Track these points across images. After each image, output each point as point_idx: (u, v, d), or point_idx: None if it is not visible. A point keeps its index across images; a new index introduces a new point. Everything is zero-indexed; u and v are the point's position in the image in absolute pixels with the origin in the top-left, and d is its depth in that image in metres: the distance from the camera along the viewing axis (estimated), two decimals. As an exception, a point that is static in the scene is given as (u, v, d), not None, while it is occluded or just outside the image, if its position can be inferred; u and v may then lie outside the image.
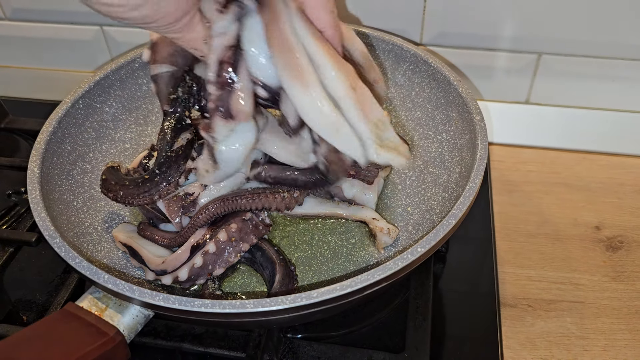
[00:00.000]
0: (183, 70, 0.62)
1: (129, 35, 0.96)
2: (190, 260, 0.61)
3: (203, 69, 0.60)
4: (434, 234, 0.53)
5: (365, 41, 0.80)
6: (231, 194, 0.64)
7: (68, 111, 0.71)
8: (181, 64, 0.63)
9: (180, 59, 0.62)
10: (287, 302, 0.48)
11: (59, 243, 0.55)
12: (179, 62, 0.63)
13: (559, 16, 0.81)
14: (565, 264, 0.74)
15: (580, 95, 0.89)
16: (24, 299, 0.71)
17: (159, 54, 0.62)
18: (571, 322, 0.68)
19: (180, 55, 0.62)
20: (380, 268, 0.50)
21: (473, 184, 0.58)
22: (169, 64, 0.62)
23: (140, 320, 0.54)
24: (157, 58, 0.62)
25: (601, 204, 0.82)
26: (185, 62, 0.62)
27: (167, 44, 0.62)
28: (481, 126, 0.64)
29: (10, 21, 0.98)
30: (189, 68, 0.62)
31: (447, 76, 0.72)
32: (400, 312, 0.67)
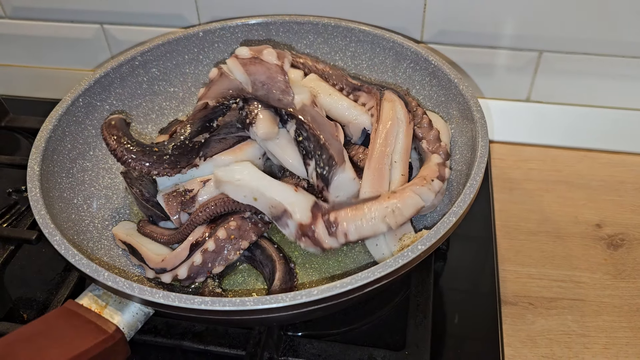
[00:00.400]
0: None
1: (129, 34, 0.96)
2: (189, 259, 0.61)
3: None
4: (434, 231, 0.53)
5: (366, 39, 0.80)
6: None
7: (68, 109, 0.71)
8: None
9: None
10: (287, 299, 0.48)
11: (58, 241, 0.55)
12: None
13: (560, 14, 0.81)
14: (566, 261, 0.74)
15: (581, 93, 0.89)
16: (25, 297, 0.71)
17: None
18: (572, 320, 0.68)
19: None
20: (381, 265, 0.50)
21: (474, 182, 0.58)
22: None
23: (140, 317, 0.54)
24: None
25: (602, 201, 0.82)
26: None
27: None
28: (482, 124, 0.64)
29: (10, 19, 0.98)
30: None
31: (447, 74, 0.71)
32: (401, 310, 0.67)
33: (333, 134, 0.62)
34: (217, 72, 0.63)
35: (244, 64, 0.62)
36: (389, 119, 0.65)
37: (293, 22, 0.82)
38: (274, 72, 0.61)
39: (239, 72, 0.62)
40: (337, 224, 0.58)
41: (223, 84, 0.63)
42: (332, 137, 0.62)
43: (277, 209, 0.60)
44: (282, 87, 0.61)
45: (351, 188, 0.63)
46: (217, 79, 0.63)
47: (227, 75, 0.63)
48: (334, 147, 0.61)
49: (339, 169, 0.61)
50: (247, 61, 0.62)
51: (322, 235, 0.58)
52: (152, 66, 0.81)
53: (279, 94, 0.61)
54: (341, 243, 0.59)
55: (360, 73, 0.83)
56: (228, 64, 0.63)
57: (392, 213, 0.58)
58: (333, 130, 0.62)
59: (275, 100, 0.62)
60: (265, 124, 0.62)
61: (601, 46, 0.84)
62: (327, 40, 0.83)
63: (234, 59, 0.62)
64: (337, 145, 0.62)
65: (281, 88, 0.61)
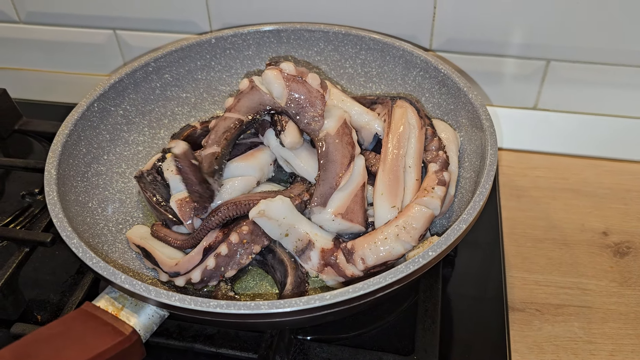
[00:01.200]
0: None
1: (142, 39, 0.97)
2: (202, 262, 0.62)
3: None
4: (444, 238, 0.54)
5: (376, 47, 0.81)
6: (242, 196, 0.65)
7: (84, 114, 0.72)
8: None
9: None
10: (300, 303, 0.49)
11: (76, 244, 0.56)
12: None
13: (568, 24, 0.82)
14: (573, 269, 0.75)
15: (588, 101, 0.90)
16: (38, 299, 0.72)
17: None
18: (578, 327, 0.69)
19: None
20: (392, 271, 0.51)
21: (483, 190, 0.59)
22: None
23: (155, 320, 0.55)
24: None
25: (608, 209, 0.83)
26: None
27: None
28: (491, 132, 0.65)
29: (24, 24, 1.00)
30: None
31: (457, 82, 0.73)
32: (409, 315, 0.68)
33: (336, 174, 0.63)
34: (248, 84, 0.64)
35: (287, 79, 0.63)
36: (401, 124, 0.67)
37: (304, 30, 0.83)
38: (314, 97, 0.63)
39: (278, 85, 0.63)
40: (354, 250, 0.59)
41: (254, 97, 0.64)
42: (332, 177, 0.62)
43: (303, 241, 0.62)
44: (316, 113, 0.63)
45: (332, 226, 0.64)
46: (247, 91, 0.64)
47: (258, 89, 0.64)
48: (319, 188, 0.63)
49: (315, 209, 0.63)
50: (291, 77, 0.63)
51: (344, 262, 0.60)
52: (165, 72, 0.82)
53: (310, 117, 0.63)
54: (361, 269, 0.60)
55: (370, 80, 0.84)
56: (268, 74, 0.64)
57: (403, 230, 0.59)
58: (338, 170, 0.63)
59: (303, 122, 0.64)
60: (294, 133, 0.64)
61: (608, 55, 0.85)
62: (337, 47, 0.84)
63: (277, 72, 0.63)
64: (326, 186, 0.63)
65: (315, 114, 0.63)
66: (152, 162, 0.72)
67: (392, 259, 0.61)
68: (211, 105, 0.87)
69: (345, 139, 0.64)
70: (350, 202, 0.63)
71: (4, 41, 1.03)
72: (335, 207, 0.62)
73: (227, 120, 0.63)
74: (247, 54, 0.86)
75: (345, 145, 0.63)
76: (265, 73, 0.64)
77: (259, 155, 0.69)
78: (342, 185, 0.63)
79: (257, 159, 0.68)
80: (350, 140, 0.64)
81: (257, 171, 0.68)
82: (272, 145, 0.66)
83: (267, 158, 0.69)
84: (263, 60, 0.86)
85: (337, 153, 0.63)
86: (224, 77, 0.86)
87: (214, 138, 0.63)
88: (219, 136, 0.63)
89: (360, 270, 0.61)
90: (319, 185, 0.63)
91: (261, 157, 0.69)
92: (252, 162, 0.68)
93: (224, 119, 0.64)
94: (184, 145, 0.62)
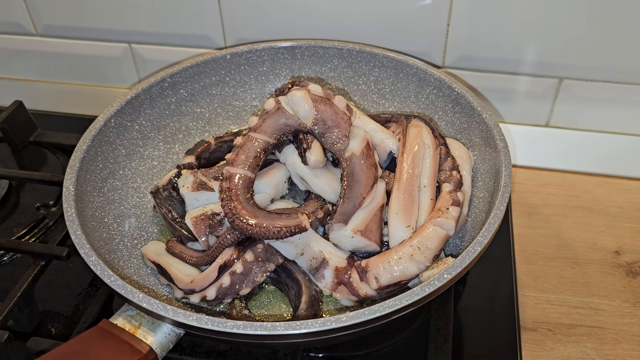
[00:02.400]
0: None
1: (156, 53, 0.98)
2: (218, 280, 0.63)
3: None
4: (459, 260, 0.54)
5: (389, 64, 0.82)
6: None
7: (101, 129, 0.73)
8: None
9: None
10: (317, 325, 0.49)
11: (94, 262, 0.57)
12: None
13: (581, 42, 0.83)
14: (585, 288, 0.75)
15: (600, 119, 0.90)
16: (52, 311, 0.73)
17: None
18: (591, 348, 0.69)
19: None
20: (408, 294, 0.51)
21: (498, 211, 0.59)
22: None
23: (172, 338, 0.56)
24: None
25: (620, 228, 0.83)
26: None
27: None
28: (505, 153, 0.66)
29: (41, 37, 1.01)
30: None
31: (470, 102, 0.73)
32: (421, 334, 0.68)
33: (360, 194, 0.64)
34: (274, 105, 0.65)
35: (315, 100, 0.64)
36: (416, 143, 0.67)
37: (318, 47, 0.84)
38: (341, 119, 0.64)
39: (306, 106, 0.64)
40: (368, 269, 0.60)
41: (280, 118, 0.65)
42: (356, 196, 0.63)
43: (317, 259, 0.63)
44: (342, 134, 0.64)
45: (350, 243, 0.65)
46: (273, 112, 0.65)
47: (284, 110, 0.65)
48: (343, 206, 0.64)
49: (336, 226, 0.64)
50: (318, 99, 0.64)
51: (357, 281, 0.60)
52: (181, 87, 0.83)
53: (335, 138, 0.64)
54: (374, 289, 0.60)
55: (383, 97, 0.85)
56: (296, 95, 0.64)
57: (418, 250, 0.59)
58: (363, 190, 0.64)
59: (328, 143, 0.65)
60: (319, 152, 0.65)
61: (620, 74, 0.85)
62: (351, 64, 0.85)
63: (305, 93, 0.64)
64: (350, 205, 0.63)
65: (340, 135, 0.64)
66: (168, 177, 0.73)
67: (405, 279, 0.61)
68: (225, 120, 0.87)
69: (370, 160, 0.65)
70: (370, 221, 0.63)
71: (21, 53, 1.04)
72: (355, 224, 0.63)
73: (255, 142, 0.64)
74: (262, 69, 0.87)
75: (369, 167, 0.64)
76: (293, 93, 0.65)
77: (274, 172, 0.69)
78: (365, 205, 0.63)
79: (272, 176, 0.69)
80: (374, 162, 0.65)
81: (272, 189, 0.68)
82: (288, 162, 0.67)
83: (282, 175, 0.70)
84: (277, 76, 0.87)
85: (362, 174, 0.64)
86: (238, 93, 0.87)
87: (243, 159, 0.63)
88: (251, 161, 0.64)
89: (374, 290, 0.61)
90: (343, 203, 0.64)
91: (276, 174, 0.69)
92: (267, 179, 0.68)
93: (251, 139, 0.64)
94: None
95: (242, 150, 0.64)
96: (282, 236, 0.60)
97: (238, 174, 0.63)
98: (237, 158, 0.63)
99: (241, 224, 0.60)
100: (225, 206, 0.61)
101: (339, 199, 0.65)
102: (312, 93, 0.65)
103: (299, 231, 0.60)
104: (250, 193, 0.63)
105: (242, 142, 0.64)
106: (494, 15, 0.82)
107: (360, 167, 0.64)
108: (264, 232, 0.59)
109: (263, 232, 0.59)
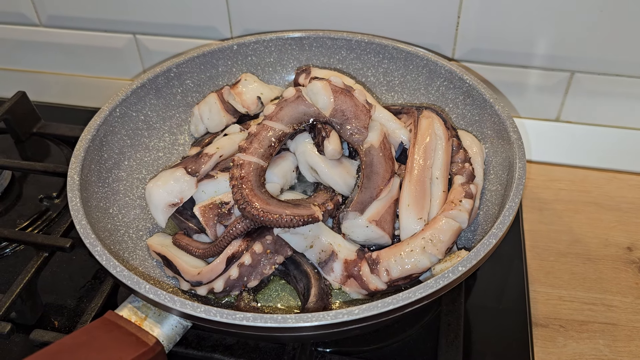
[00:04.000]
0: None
1: (161, 44, 0.97)
2: (226, 272, 0.61)
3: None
4: (474, 253, 0.53)
5: (399, 56, 0.81)
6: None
7: (106, 119, 0.72)
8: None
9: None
10: (328, 318, 0.48)
11: (100, 252, 0.55)
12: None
13: (592, 35, 0.81)
14: (597, 284, 0.74)
15: (612, 114, 0.89)
16: (55, 304, 0.72)
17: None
18: (604, 344, 0.67)
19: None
20: (422, 286, 0.50)
21: (512, 204, 0.58)
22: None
23: (179, 331, 0.54)
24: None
25: (632, 224, 0.81)
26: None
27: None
28: (519, 145, 0.64)
29: (45, 27, 1.00)
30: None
31: (482, 93, 0.72)
32: (431, 328, 0.67)
33: (378, 186, 0.63)
34: (294, 94, 0.64)
35: (335, 91, 0.64)
36: (427, 135, 0.66)
37: (327, 38, 0.83)
38: (360, 111, 0.64)
39: (326, 96, 0.63)
40: (379, 261, 0.59)
41: (299, 108, 0.64)
42: (374, 187, 0.63)
43: (326, 252, 0.62)
44: (361, 125, 0.63)
45: (363, 233, 0.63)
46: (292, 100, 0.64)
47: (304, 99, 0.64)
48: (360, 195, 0.63)
49: (352, 214, 0.63)
50: (339, 89, 0.64)
51: (367, 274, 0.59)
52: (187, 78, 0.82)
53: (354, 129, 0.63)
54: (385, 282, 0.59)
55: (392, 90, 0.83)
56: (317, 85, 0.64)
57: (430, 242, 0.58)
58: (380, 182, 0.63)
59: (346, 134, 0.64)
60: (337, 142, 0.64)
61: (632, 68, 0.83)
62: (359, 56, 0.83)
63: (326, 83, 0.64)
64: (367, 195, 0.63)
65: (359, 126, 0.63)
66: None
67: (417, 272, 0.60)
68: (231, 111, 0.86)
69: (387, 153, 0.64)
70: (385, 212, 0.62)
71: (24, 44, 1.03)
72: (371, 213, 0.62)
73: (271, 131, 0.63)
74: (269, 60, 0.85)
75: (387, 160, 0.63)
76: (313, 83, 0.64)
77: (282, 162, 0.68)
78: (382, 196, 0.62)
79: (280, 166, 0.68)
80: (391, 156, 0.64)
81: (281, 178, 0.67)
82: (299, 150, 0.66)
83: (290, 165, 0.68)
84: (285, 67, 0.86)
85: (379, 166, 0.63)
86: (245, 84, 0.86)
87: (257, 148, 0.62)
88: (265, 149, 0.62)
89: (384, 282, 0.60)
90: (360, 192, 0.63)
91: (284, 164, 0.68)
92: (276, 169, 0.67)
93: (266, 128, 0.63)
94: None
95: (257, 139, 0.62)
96: (294, 225, 0.58)
97: (251, 161, 0.62)
98: (250, 146, 0.62)
99: (253, 211, 0.58)
100: (236, 193, 0.60)
101: (353, 190, 0.64)
102: (333, 84, 0.64)
103: (312, 221, 0.59)
104: (262, 181, 0.62)
105: (257, 131, 0.63)
106: (505, 7, 0.81)
107: (378, 159, 0.63)
108: (276, 220, 0.58)
109: (275, 220, 0.58)
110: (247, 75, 0.79)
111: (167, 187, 0.65)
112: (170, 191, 0.65)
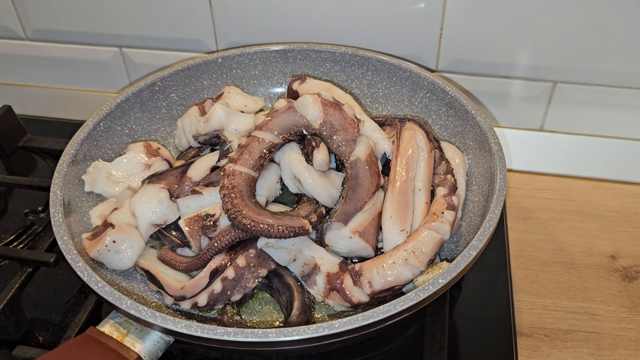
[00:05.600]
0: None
1: (147, 57, 0.97)
2: (209, 286, 0.61)
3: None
4: (454, 265, 0.53)
5: (382, 68, 0.81)
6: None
7: (90, 133, 0.72)
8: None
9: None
10: (309, 332, 0.48)
11: (81, 267, 0.55)
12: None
13: (574, 46, 0.82)
14: (581, 293, 0.74)
15: (595, 123, 0.90)
16: (40, 319, 0.72)
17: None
18: (588, 353, 0.68)
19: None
20: (402, 299, 0.50)
21: (493, 215, 0.58)
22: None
23: (160, 346, 0.54)
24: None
25: (616, 233, 0.82)
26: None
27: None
28: (500, 156, 0.65)
29: (30, 41, 1.00)
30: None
31: (464, 105, 0.72)
32: (416, 340, 0.67)
33: (362, 198, 0.63)
34: (285, 105, 0.66)
35: (324, 104, 0.65)
36: (410, 147, 0.66)
37: (311, 50, 0.83)
38: (349, 124, 0.65)
39: (315, 109, 0.65)
40: (362, 273, 0.59)
41: (289, 118, 0.65)
42: (358, 199, 0.63)
43: (309, 265, 0.62)
44: (349, 138, 0.65)
45: (347, 244, 0.64)
46: (283, 111, 0.65)
47: (294, 110, 0.65)
48: (345, 206, 0.63)
49: (335, 224, 0.63)
50: (328, 103, 0.65)
51: (350, 287, 0.59)
52: (172, 91, 0.82)
53: (342, 142, 0.64)
54: (367, 294, 0.59)
55: (377, 101, 0.84)
56: (307, 98, 0.65)
57: (412, 254, 0.58)
58: (365, 195, 0.63)
59: (334, 145, 0.65)
60: (326, 152, 0.65)
61: (614, 78, 0.84)
62: (343, 68, 0.84)
63: (316, 97, 0.65)
64: (351, 206, 0.63)
65: (347, 139, 0.64)
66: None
67: (399, 284, 0.60)
68: (217, 124, 0.86)
69: (373, 168, 0.65)
70: (368, 224, 0.63)
71: (10, 57, 1.03)
72: (354, 225, 0.63)
73: (261, 142, 0.64)
74: (254, 73, 0.86)
75: (373, 174, 0.64)
76: (304, 97, 0.66)
77: (266, 173, 0.68)
78: (366, 209, 0.63)
79: (264, 177, 0.68)
80: (377, 170, 0.65)
81: (265, 190, 0.67)
82: (284, 159, 0.66)
83: (274, 176, 0.69)
84: (269, 79, 0.86)
85: (365, 179, 0.64)
86: (230, 97, 0.86)
87: (247, 159, 0.63)
88: (255, 160, 0.63)
89: (367, 295, 0.60)
90: (345, 203, 0.63)
91: (268, 175, 0.68)
92: (260, 181, 0.67)
93: (256, 139, 0.64)
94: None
95: (247, 150, 0.63)
96: (285, 235, 0.59)
97: (241, 171, 0.62)
98: (240, 157, 0.63)
99: (244, 221, 0.59)
100: (227, 202, 0.60)
101: (337, 202, 0.65)
102: (323, 97, 0.66)
103: (302, 233, 0.60)
104: (253, 192, 0.63)
105: (247, 142, 0.64)
106: (488, 19, 0.82)
107: (364, 172, 0.64)
108: (267, 230, 0.58)
109: (266, 230, 0.58)
110: (230, 88, 0.79)
111: (152, 206, 0.66)
112: (154, 211, 0.66)
